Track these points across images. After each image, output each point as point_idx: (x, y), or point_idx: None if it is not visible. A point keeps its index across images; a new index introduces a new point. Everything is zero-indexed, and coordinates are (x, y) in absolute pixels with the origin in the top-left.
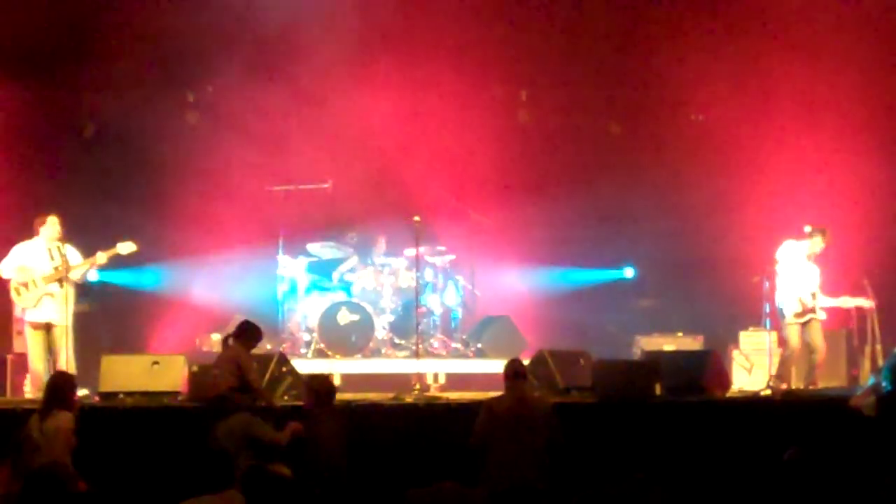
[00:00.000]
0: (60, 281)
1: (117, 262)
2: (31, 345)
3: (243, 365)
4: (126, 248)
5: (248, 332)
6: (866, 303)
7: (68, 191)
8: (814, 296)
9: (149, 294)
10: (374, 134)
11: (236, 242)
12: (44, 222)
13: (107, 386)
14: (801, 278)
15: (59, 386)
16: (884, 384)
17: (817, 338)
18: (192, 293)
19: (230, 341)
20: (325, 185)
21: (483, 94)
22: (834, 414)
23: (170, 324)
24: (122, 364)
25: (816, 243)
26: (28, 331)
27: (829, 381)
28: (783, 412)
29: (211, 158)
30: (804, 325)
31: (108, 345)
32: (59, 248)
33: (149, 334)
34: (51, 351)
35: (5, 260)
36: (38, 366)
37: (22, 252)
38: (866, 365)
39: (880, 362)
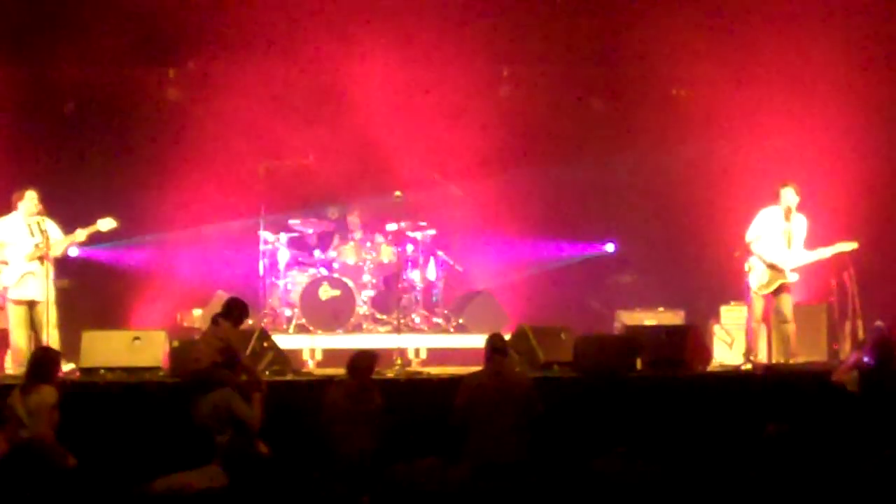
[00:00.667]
0: (41, 258)
1: (99, 238)
2: (13, 321)
3: (234, 343)
4: (106, 224)
5: (236, 310)
6: (847, 246)
7: (48, 167)
8: (783, 262)
9: (130, 270)
10: (356, 109)
11: (217, 217)
12: (22, 197)
13: (87, 361)
14: (772, 246)
15: (43, 361)
16: (866, 359)
17: (787, 308)
18: (174, 269)
19: (219, 320)
20: (307, 161)
21: (465, 70)
22: (815, 388)
23: (151, 299)
24: (102, 339)
25: (788, 197)
26: (10, 307)
27: (810, 355)
28: (764, 387)
29: (192, 134)
30: (774, 294)
31: (89, 320)
32: (38, 223)
33: (130, 310)
34: (33, 327)
35: None
36: (20, 342)
37: (0, 228)
38: (847, 339)
39: (861, 336)
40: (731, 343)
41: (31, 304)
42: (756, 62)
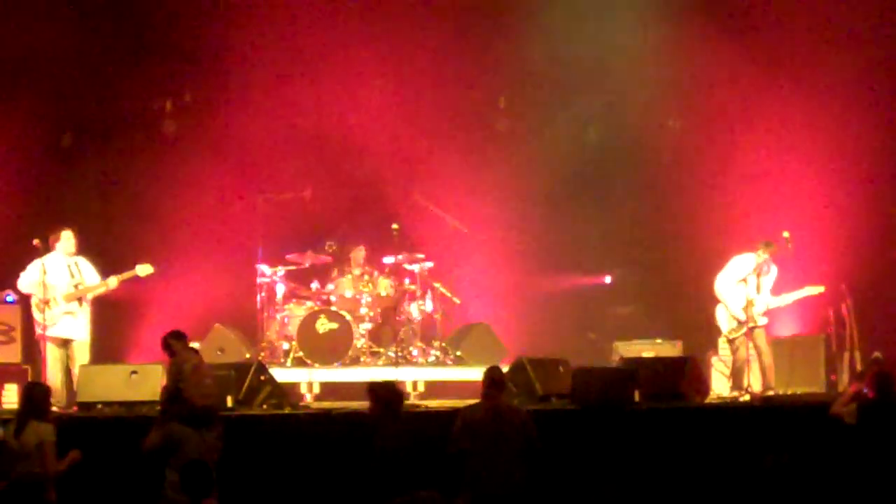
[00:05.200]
0: (80, 299)
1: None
2: (51, 360)
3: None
4: (144, 270)
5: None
6: (815, 290)
7: (45, 200)
8: (750, 303)
9: (127, 303)
10: (354, 142)
11: (215, 251)
12: (59, 238)
13: (85, 396)
14: (737, 295)
15: (37, 397)
16: (865, 391)
17: (761, 342)
18: (171, 302)
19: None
20: (305, 194)
21: (461, 102)
22: (813, 420)
23: (148, 333)
24: (99, 374)
25: (762, 255)
26: (48, 346)
27: (808, 386)
28: (762, 418)
29: (189, 167)
30: (747, 334)
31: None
32: (77, 264)
33: (127, 343)
34: (68, 366)
35: (25, 275)
36: (55, 380)
37: (41, 268)
38: (845, 370)
39: (859, 368)
40: (728, 375)
41: (67, 343)
42: (752, 93)
